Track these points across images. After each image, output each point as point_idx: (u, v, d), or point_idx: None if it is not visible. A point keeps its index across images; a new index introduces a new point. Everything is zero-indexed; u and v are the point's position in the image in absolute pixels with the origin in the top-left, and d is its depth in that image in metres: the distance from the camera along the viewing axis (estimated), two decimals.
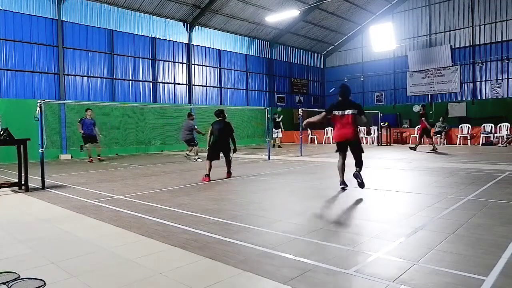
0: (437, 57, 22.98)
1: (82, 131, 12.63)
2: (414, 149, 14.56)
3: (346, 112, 6.11)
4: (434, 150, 13.96)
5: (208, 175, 7.96)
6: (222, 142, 8.21)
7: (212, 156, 8.13)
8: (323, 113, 6.32)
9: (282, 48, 25.76)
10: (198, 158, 12.57)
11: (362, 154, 6.25)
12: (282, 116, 19.39)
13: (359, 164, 6.20)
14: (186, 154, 13.22)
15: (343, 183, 6.33)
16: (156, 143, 17.83)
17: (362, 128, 20.88)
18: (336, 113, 6.17)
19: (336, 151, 6.35)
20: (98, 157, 13.26)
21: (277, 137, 18.78)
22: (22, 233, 4.24)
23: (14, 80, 13.95)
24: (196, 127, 12.91)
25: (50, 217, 5.00)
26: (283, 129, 19.36)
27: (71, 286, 2.76)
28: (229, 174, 8.43)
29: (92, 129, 12.83)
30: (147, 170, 10.33)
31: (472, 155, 12.45)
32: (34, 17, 14.39)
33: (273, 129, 18.56)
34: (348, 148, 6.25)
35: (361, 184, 6.05)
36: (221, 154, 8.31)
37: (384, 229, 3.99)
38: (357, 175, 6.09)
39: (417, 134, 17.51)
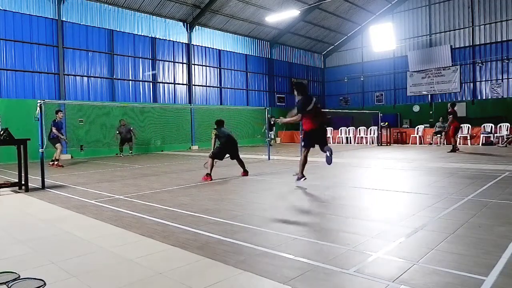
0: (437, 57, 22.98)
1: (63, 135, 11.65)
2: (454, 150, 13.77)
3: (313, 102, 6.70)
4: (455, 150, 13.73)
5: (210, 175, 8.00)
6: (232, 144, 8.41)
7: (219, 156, 8.27)
8: (299, 115, 6.63)
9: (282, 48, 25.76)
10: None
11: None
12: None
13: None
14: (130, 153, 15.51)
15: (303, 176, 6.75)
16: (156, 143, 17.84)
17: (362, 128, 20.95)
18: (309, 108, 6.60)
19: (306, 146, 6.68)
20: (56, 162, 11.63)
21: (273, 137, 19.29)
22: (22, 233, 4.24)
23: (14, 80, 13.95)
24: (132, 128, 15.60)
25: (50, 217, 5.00)
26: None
27: (71, 286, 2.76)
28: (245, 173, 8.53)
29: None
30: (147, 170, 10.33)
31: (477, 155, 12.45)
32: (34, 17, 14.39)
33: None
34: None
35: (330, 159, 6.58)
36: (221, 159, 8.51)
37: (384, 229, 3.99)
38: (329, 151, 6.58)
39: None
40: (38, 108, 7.53)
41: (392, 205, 5.31)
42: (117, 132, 15.24)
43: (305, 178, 6.75)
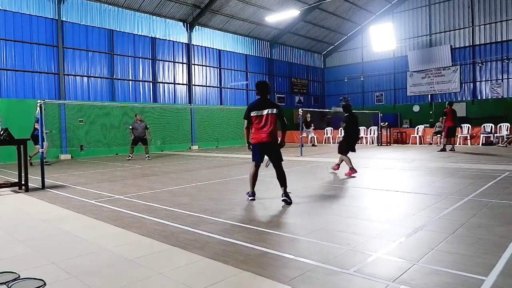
0: (437, 57, 22.97)
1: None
2: (444, 149, 13.77)
3: (266, 111, 5.45)
4: (445, 150, 13.69)
5: (353, 168, 8.16)
6: (355, 134, 8.71)
7: (349, 149, 8.50)
8: (245, 122, 5.55)
9: (282, 48, 25.75)
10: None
11: (283, 163, 5.63)
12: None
13: (281, 177, 5.49)
14: (148, 157, 13.73)
15: (253, 194, 5.68)
16: (156, 143, 17.83)
17: (362, 128, 20.92)
18: (253, 114, 5.45)
19: (252, 158, 5.62)
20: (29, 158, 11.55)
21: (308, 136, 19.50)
22: (22, 233, 4.24)
23: (14, 80, 13.94)
24: (148, 126, 13.93)
25: (50, 217, 5.00)
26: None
27: (71, 286, 2.76)
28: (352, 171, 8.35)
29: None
30: (147, 170, 10.33)
31: (475, 155, 12.45)
32: (34, 17, 14.39)
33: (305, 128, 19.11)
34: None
35: (290, 203, 5.36)
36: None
37: (384, 229, 4.00)
38: (286, 198, 5.35)
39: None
40: (38, 108, 7.53)
41: (392, 205, 5.31)
42: (131, 128, 13.50)
43: (253, 198, 5.62)
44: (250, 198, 5.71)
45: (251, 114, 5.47)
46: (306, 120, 19.38)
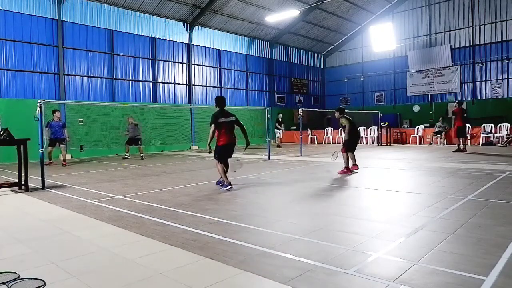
0: (437, 57, 22.97)
1: (49, 136, 11.63)
2: (459, 149, 13.49)
3: (230, 119, 6.78)
4: (460, 150, 13.44)
5: (348, 168, 8.44)
6: (358, 133, 9.22)
7: (352, 148, 8.80)
8: (213, 127, 6.66)
9: (282, 48, 25.75)
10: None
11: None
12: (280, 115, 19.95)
13: (227, 168, 6.87)
14: (142, 156, 14.17)
15: (229, 183, 6.67)
16: (156, 143, 17.84)
17: (362, 128, 20.92)
18: (222, 120, 6.67)
19: (219, 158, 6.69)
20: (63, 162, 11.93)
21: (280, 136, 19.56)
22: (22, 233, 4.24)
23: (14, 80, 13.94)
24: (138, 124, 14.38)
25: (50, 217, 5.00)
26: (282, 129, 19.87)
27: (71, 286, 2.76)
28: (356, 166, 8.82)
29: (62, 132, 12.00)
30: (147, 170, 10.33)
31: (476, 155, 12.45)
32: (34, 17, 14.38)
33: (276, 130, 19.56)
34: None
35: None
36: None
37: (384, 229, 4.00)
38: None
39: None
40: (38, 108, 7.53)
41: (392, 205, 5.32)
42: (127, 130, 14.04)
43: (231, 187, 6.62)
44: (228, 187, 6.53)
45: (220, 121, 6.62)
46: (279, 120, 19.49)
